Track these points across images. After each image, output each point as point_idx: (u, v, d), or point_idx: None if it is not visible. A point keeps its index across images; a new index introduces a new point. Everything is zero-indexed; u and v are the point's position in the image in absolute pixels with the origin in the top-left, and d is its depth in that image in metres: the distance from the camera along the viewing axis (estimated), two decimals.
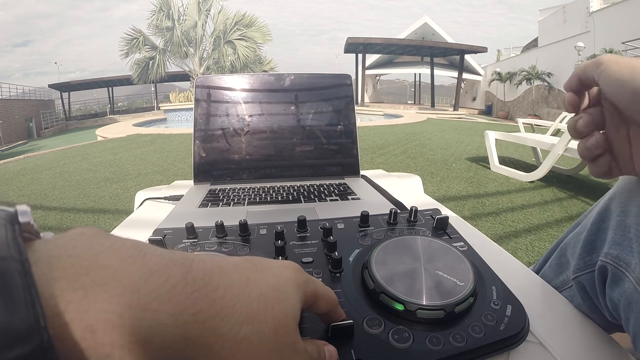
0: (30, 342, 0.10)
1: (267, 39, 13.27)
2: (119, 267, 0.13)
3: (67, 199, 2.73)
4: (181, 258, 0.16)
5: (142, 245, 0.15)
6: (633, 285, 0.26)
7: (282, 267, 0.20)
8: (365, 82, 18.26)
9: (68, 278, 0.12)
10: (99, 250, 0.14)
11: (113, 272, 0.13)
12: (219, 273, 0.16)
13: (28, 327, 0.10)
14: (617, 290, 0.27)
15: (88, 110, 23.52)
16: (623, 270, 0.27)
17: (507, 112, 15.12)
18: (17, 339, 0.10)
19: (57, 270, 0.12)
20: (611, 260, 0.28)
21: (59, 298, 0.12)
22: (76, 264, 0.13)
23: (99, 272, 0.13)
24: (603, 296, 0.30)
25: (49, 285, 0.12)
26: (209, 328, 0.14)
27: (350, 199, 0.57)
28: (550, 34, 13.63)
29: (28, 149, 9.73)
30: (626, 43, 7.93)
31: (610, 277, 0.28)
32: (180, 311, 0.14)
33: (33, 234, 0.14)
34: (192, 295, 0.14)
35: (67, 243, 0.13)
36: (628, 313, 0.26)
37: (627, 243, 0.28)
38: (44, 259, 0.12)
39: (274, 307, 0.17)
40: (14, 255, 0.11)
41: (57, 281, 0.12)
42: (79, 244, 0.13)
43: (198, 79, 0.71)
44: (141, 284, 0.13)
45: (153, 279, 0.14)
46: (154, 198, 0.66)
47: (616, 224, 0.29)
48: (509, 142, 3.55)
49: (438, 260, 0.30)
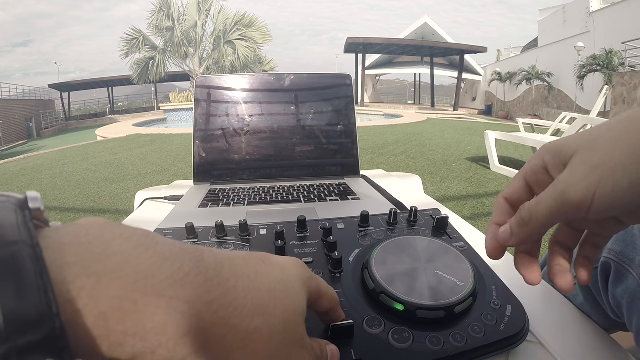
0: (42, 328, 0.10)
1: (267, 39, 13.28)
2: (131, 254, 0.13)
3: (67, 199, 2.73)
4: (192, 248, 0.15)
5: (153, 234, 0.15)
6: (637, 281, 0.26)
7: (288, 262, 0.20)
8: (365, 82, 18.26)
9: (81, 264, 0.12)
10: (110, 238, 0.13)
11: (126, 259, 0.13)
12: (229, 264, 0.16)
13: (40, 314, 0.10)
14: (621, 287, 0.27)
15: (88, 111, 23.52)
16: (627, 267, 0.27)
17: (507, 112, 15.12)
18: (29, 325, 0.10)
19: (70, 256, 0.12)
20: (614, 256, 0.28)
21: (72, 284, 0.11)
22: (89, 250, 0.12)
23: (112, 259, 0.13)
24: (606, 293, 0.29)
25: (61, 271, 0.11)
26: (222, 318, 0.14)
27: (350, 199, 0.57)
28: (550, 34, 13.63)
29: (28, 149, 9.73)
30: (626, 43, 7.93)
31: (614, 274, 0.28)
32: (195, 299, 0.13)
33: (42, 222, 0.14)
34: (206, 284, 0.14)
35: (79, 230, 0.13)
36: (631, 310, 0.26)
37: (630, 239, 0.27)
38: (55, 245, 0.12)
39: (283, 301, 0.17)
40: (25, 240, 0.11)
41: (69, 267, 0.12)
42: (91, 231, 0.13)
43: (198, 79, 0.71)
44: (155, 271, 0.13)
45: (166, 266, 0.13)
46: (154, 198, 0.66)
47: None
48: (509, 142, 3.56)
49: (438, 260, 0.30)
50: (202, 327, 0.13)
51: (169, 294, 0.13)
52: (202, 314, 0.13)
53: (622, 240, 0.28)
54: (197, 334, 0.13)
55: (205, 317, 0.13)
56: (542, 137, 3.31)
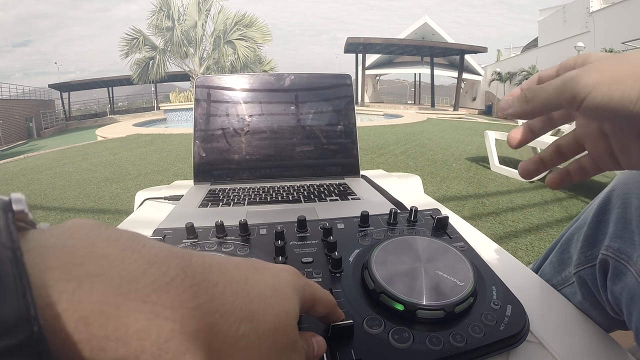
0: (20, 332, 0.10)
1: (267, 39, 13.27)
2: (116, 258, 0.13)
3: (67, 199, 2.73)
4: (180, 252, 0.15)
5: (140, 237, 0.15)
6: (635, 278, 0.25)
7: (280, 270, 0.19)
8: (365, 82, 18.26)
9: (62, 268, 0.12)
10: (95, 241, 0.13)
11: (110, 263, 0.13)
12: (218, 269, 0.16)
13: (17, 317, 0.10)
14: (619, 284, 0.27)
15: (88, 110, 23.53)
16: (625, 264, 0.27)
17: None
18: (6, 328, 0.10)
19: (51, 260, 0.12)
20: (613, 253, 0.28)
21: (52, 288, 0.11)
22: (71, 253, 0.12)
23: (95, 262, 0.12)
24: (604, 290, 0.29)
25: (42, 274, 0.11)
26: (208, 324, 0.14)
27: (350, 199, 0.57)
28: (550, 34, 13.63)
29: (28, 149, 9.73)
30: (626, 43, 7.93)
31: (612, 271, 0.28)
32: (179, 304, 0.13)
33: (28, 224, 0.14)
34: (192, 289, 0.14)
35: (64, 233, 0.13)
36: (630, 307, 0.26)
37: (628, 235, 0.27)
38: (38, 248, 0.12)
39: (274, 307, 0.17)
40: (5, 242, 0.11)
41: (50, 271, 0.12)
42: (76, 234, 0.13)
43: (198, 79, 0.71)
44: (139, 275, 0.13)
45: (151, 270, 0.13)
46: (154, 198, 0.66)
47: (617, 217, 0.29)
48: None
49: (438, 260, 0.30)
50: (187, 333, 0.13)
51: (152, 299, 0.13)
52: (187, 320, 0.13)
53: (620, 237, 0.28)
54: (181, 339, 0.13)
55: (190, 322, 0.13)
56: (542, 136, 3.30)
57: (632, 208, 0.28)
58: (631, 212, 0.28)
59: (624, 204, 0.29)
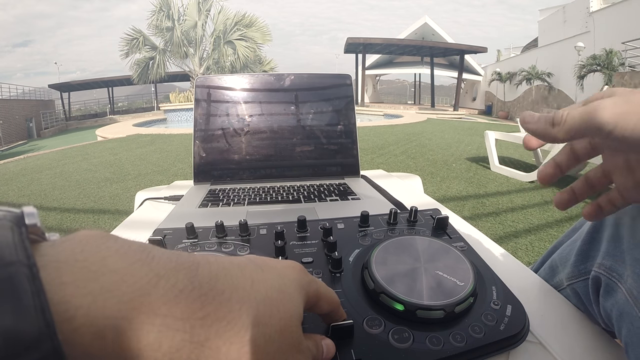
0: (40, 348, 0.10)
1: (267, 39, 13.27)
2: (126, 272, 0.13)
3: (67, 199, 2.73)
4: (188, 261, 0.16)
5: (149, 248, 0.15)
6: (625, 296, 0.26)
7: (286, 268, 0.20)
8: (365, 82, 18.27)
9: (77, 283, 0.12)
10: (106, 254, 0.13)
11: (121, 277, 0.13)
12: (224, 276, 0.16)
13: (38, 334, 0.10)
14: (610, 301, 0.28)
15: (88, 111, 23.53)
16: (615, 281, 0.27)
17: (507, 112, 15.12)
18: (27, 345, 0.10)
19: (66, 275, 0.12)
20: (604, 271, 0.29)
21: (68, 304, 0.12)
22: (84, 268, 0.13)
23: (107, 277, 0.13)
24: (597, 305, 0.30)
25: (58, 290, 0.12)
26: (216, 331, 0.14)
27: (350, 199, 0.57)
28: (550, 34, 13.63)
29: (28, 149, 9.73)
30: (626, 43, 7.94)
31: (604, 287, 0.29)
32: (188, 315, 0.14)
33: (39, 236, 0.14)
34: (200, 299, 0.14)
35: (75, 247, 0.13)
36: (620, 323, 0.27)
37: (620, 255, 0.28)
38: (52, 263, 0.12)
39: (279, 309, 0.17)
40: (22, 259, 0.11)
41: (66, 286, 0.12)
42: (87, 247, 0.13)
43: (198, 79, 0.71)
44: (150, 289, 0.13)
45: (161, 283, 0.14)
46: (154, 198, 0.66)
47: (610, 235, 0.30)
48: (509, 142, 3.56)
49: (438, 260, 0.30)
50: (197, 342, 0.14)
51: (163, 311, 0.13)
52: (197, 329, 0.14)
53: (612, 255, 0.29)
54: (191, 348, 0.13)
55: (199, 332, 0.14)
56: None
57: (624, 228, 0.29)
58: (623, 231, 0.28)
59: (616, 224, 0.30)
